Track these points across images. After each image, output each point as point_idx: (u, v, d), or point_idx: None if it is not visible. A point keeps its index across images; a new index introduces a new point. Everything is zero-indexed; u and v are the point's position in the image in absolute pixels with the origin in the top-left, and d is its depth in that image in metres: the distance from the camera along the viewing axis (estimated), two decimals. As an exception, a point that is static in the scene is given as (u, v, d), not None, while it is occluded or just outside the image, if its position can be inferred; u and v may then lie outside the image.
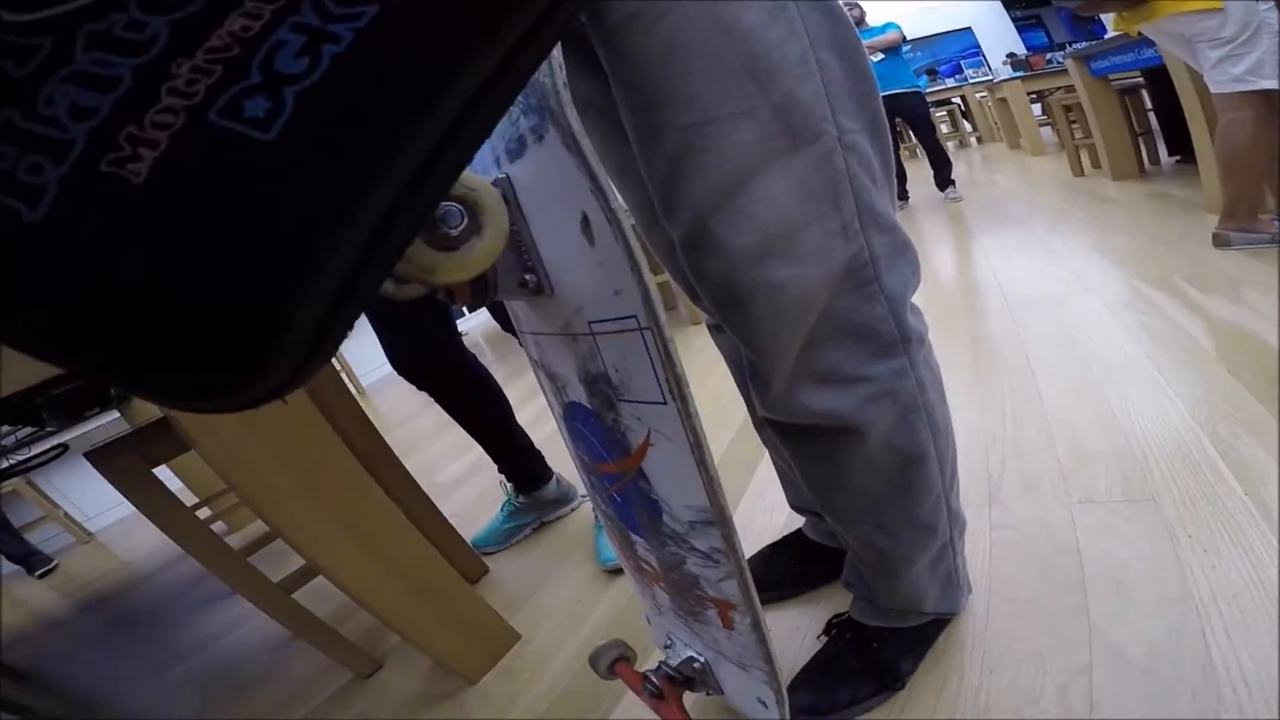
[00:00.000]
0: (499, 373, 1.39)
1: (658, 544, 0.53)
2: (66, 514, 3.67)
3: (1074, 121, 3.76)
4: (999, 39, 8.59)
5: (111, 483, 1.08)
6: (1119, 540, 0.86)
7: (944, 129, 7.19)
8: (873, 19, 4.17)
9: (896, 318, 0.51)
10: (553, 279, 0.44)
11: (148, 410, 1.76)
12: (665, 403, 0.41)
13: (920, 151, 5.51)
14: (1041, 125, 5.31)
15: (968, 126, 7.58)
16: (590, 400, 0.49)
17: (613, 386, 0.45)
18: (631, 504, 0.52)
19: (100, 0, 0.20)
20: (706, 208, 0.46)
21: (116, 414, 2.31)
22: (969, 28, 8.87)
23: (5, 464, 1.96)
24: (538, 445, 1.45)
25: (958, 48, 8.78)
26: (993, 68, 7.53)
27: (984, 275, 2.26)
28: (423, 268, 0.33)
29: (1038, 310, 1.79)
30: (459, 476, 2.01)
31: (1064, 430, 1.17)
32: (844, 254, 0.46)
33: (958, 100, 7.46)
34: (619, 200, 0.38)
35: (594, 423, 0.51)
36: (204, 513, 2.04)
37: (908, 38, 4.27)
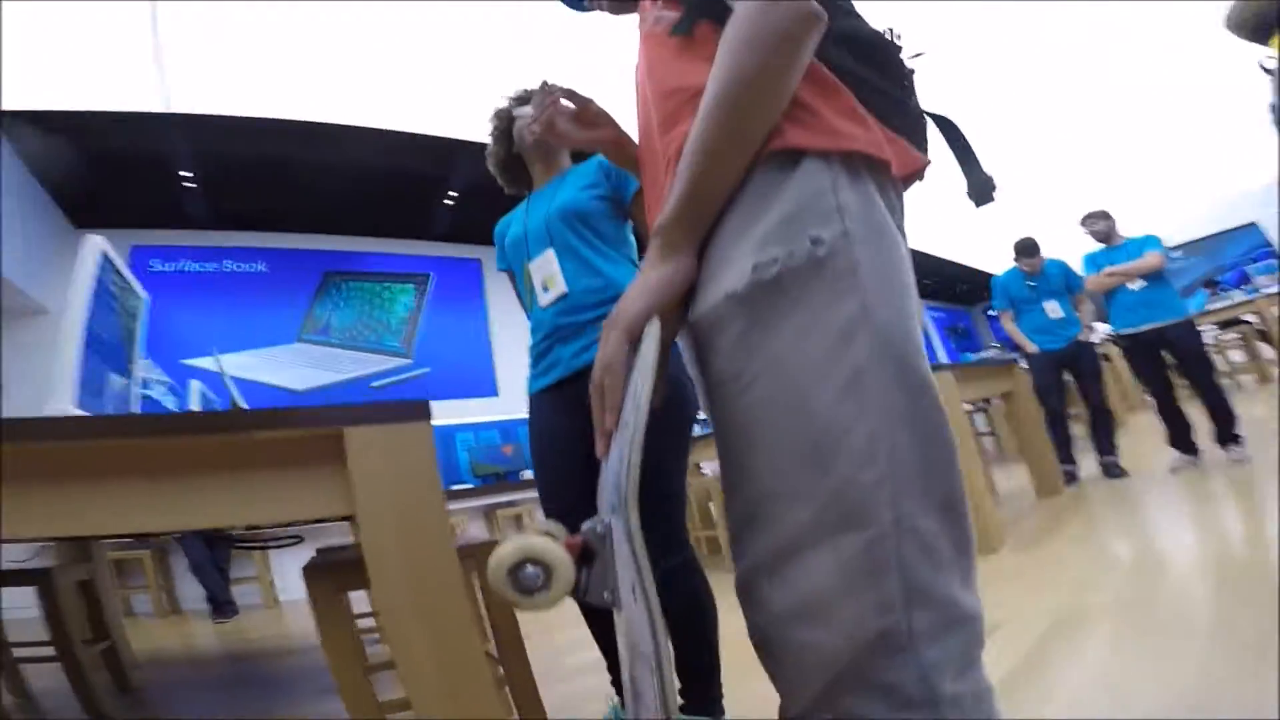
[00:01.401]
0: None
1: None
2: (271, 581, 4.30)
3: None
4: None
5: (308, 589, 1.26)
6: None
7: (1236, 358, 5.95)
8: (1130, 226, 3.64)
9: (930, 684, 0.49)
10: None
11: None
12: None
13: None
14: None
15: (1268, 352, 5.86)
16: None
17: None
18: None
19: None
20: (759, 568, 0.51)
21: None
22: (1254, 223, 7.20)
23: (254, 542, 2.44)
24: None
25: (1242, 249, 7.15)
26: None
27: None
28: (509, 602, 0.47)
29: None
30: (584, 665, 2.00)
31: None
32: (875, 626, 0.48)
33: (1252, 318, 5.78)
34: (652, 592, 0.46)
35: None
36: (368, 622, 2.31)
37: (1172, 244, 3.77)
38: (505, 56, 3.83)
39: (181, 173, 4.32)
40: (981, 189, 0.70)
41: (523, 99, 1.48)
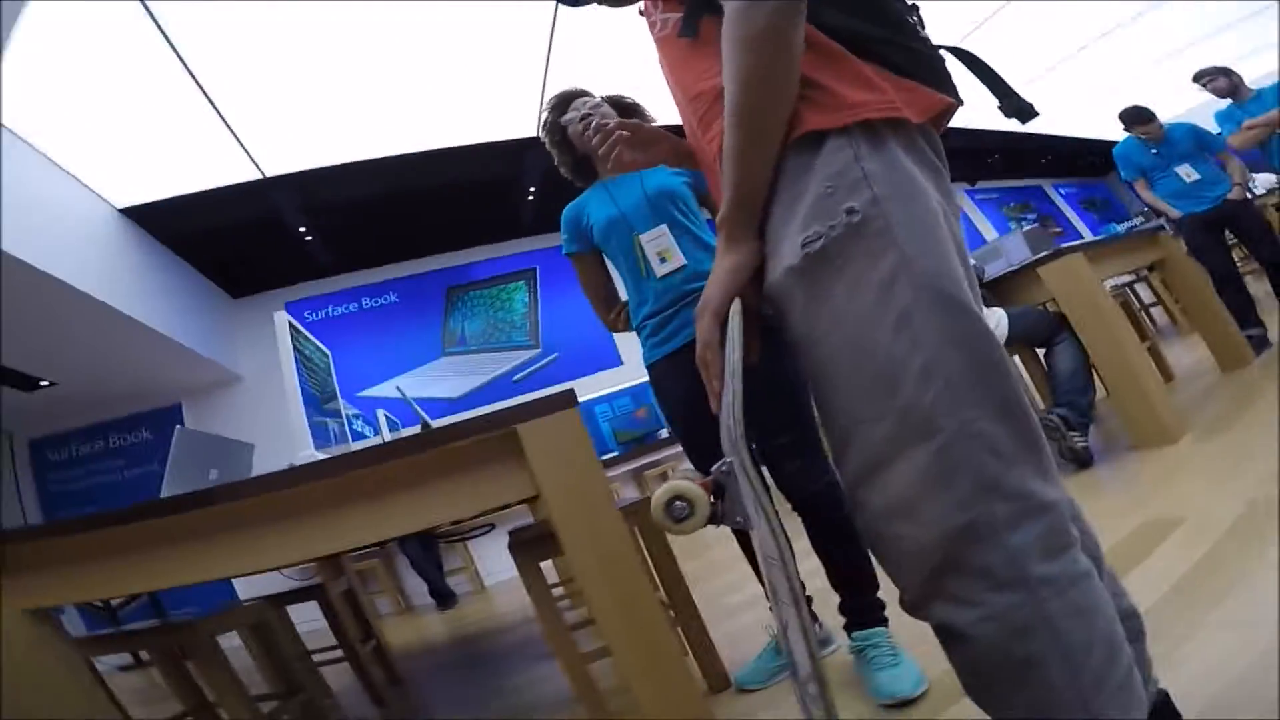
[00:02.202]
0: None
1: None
2: (476, 570, 4.89)
3: None
4: None
5: (517, 566, 1.53)
6: None
7: None
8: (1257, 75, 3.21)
9: (1017, 566, 0.55)
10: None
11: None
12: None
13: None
14: None
15: None
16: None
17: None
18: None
19: None
20: (856, 479, 0.61)
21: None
22: None
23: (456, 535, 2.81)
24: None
25: None
26: None
27: None
28: (663, 529, 0.61)
29: None
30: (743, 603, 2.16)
31: None
32: (960, 520, 0.55)
33: None
34: (770, 509, 0.59)
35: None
36: (559, 591, 2.57)
37: None
38: (538, 51, 3.90)
39: (300, 229, 4.83)
40: (1019, 111, 0.73)
41: (559, 107, 1.59)
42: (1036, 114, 0.75)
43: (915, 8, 0.77)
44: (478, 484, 1.16)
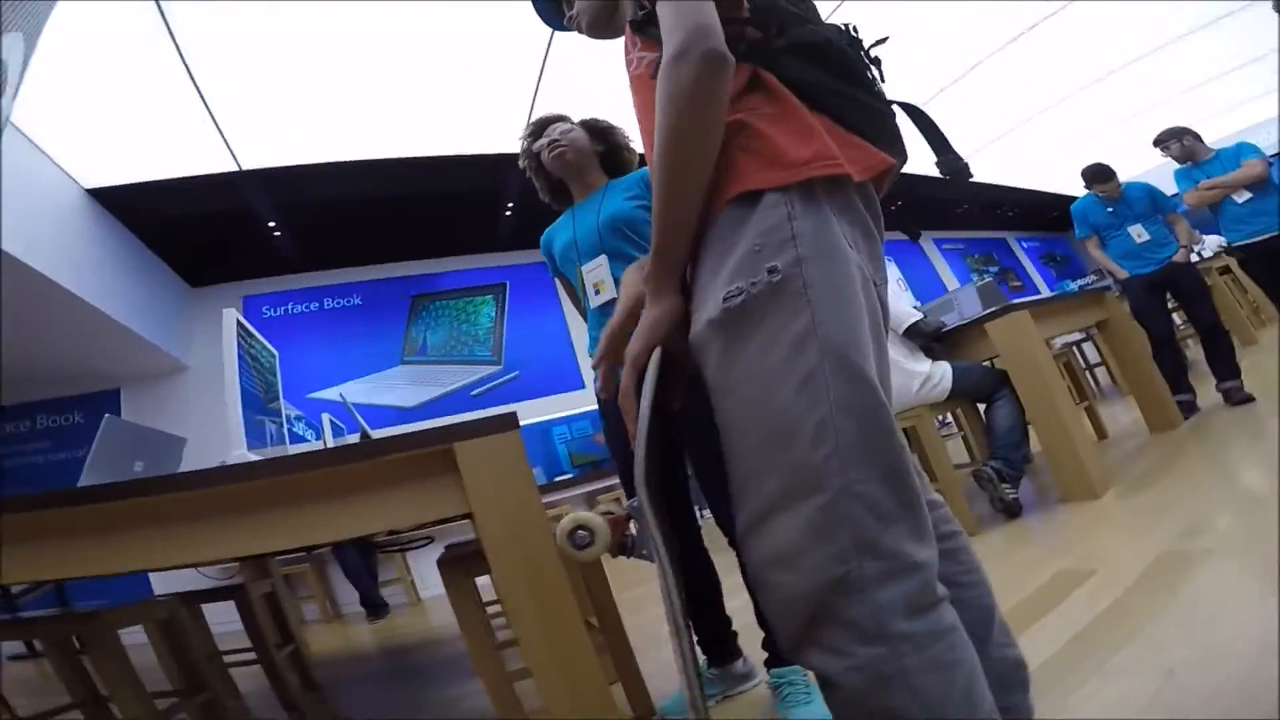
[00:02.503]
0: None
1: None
2: (412, 582, 4.77)
3: None
4: None
5: (444, 580, 1.49)
6: None
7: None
8: (1219, 135, 3.44)
9: (881, 621, 0.58)
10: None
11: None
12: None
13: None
14: None
15: None
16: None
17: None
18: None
19: None
20: (746, 528, 0.64)
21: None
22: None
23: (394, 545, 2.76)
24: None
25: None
26: None
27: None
28: (565, 556, 0.65)
29: None
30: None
31: None
32: (835, 572, 0.58)
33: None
34: (662, 550, 0.63)
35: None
36: (495, 609, 2.53)
37: (1271, 151, 3.47)
38: (531, 69, 3.97)
39: (269, 223, 4.76)
40: (953, 169, 0.78)
41: (535, 133, 1.62)
42: (971, 175, 0.79)
43: (878, 60, 0.80)
44: (410, 498, 1.15)
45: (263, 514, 1.07)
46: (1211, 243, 5.96)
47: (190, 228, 4.45)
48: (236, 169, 4.04)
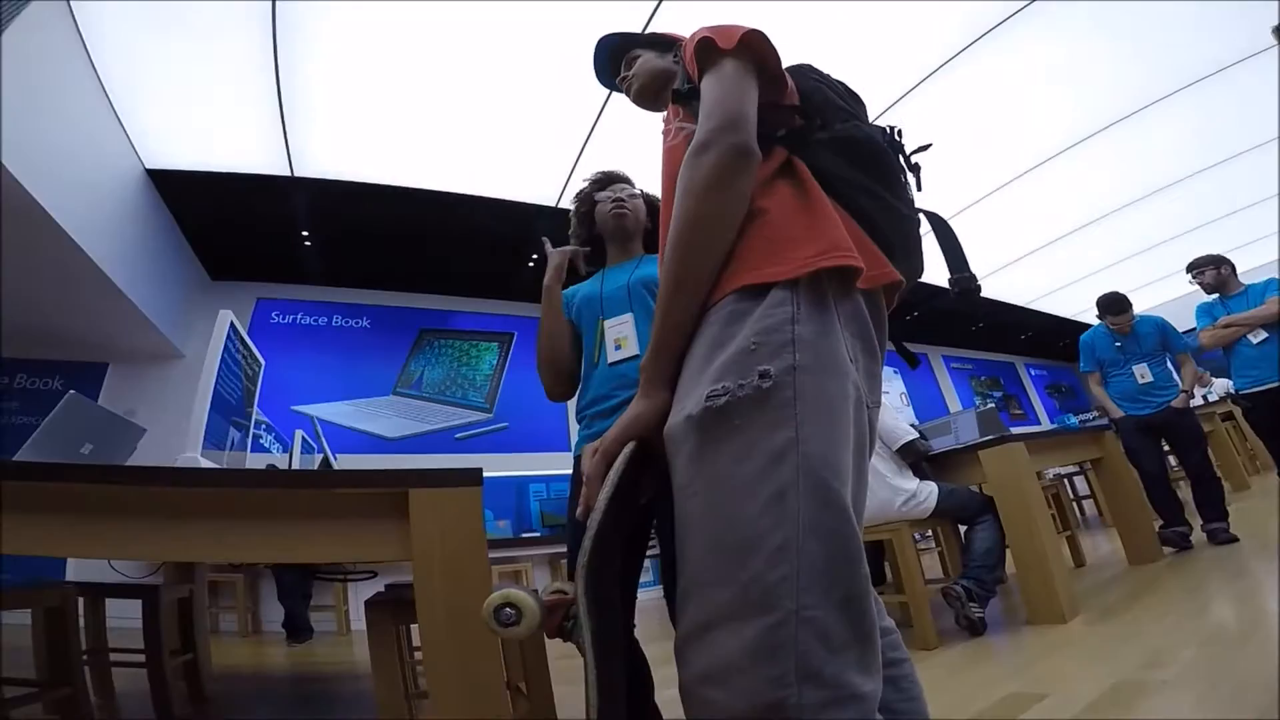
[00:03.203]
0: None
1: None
2: (346, 612, 4.55)
3: None
4: None
5: (366, 620, 1.43)
6: None
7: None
8: (1251, 270, 3.28)
9: None
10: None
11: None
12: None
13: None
14: None
15: None
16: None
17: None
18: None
19: None
20: (686, 636, 0.60)
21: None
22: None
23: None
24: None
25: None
26: None
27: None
28: (491, 631, 0.61)
29: None
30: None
31: None
32: (771, 697, 0.54)
33: None
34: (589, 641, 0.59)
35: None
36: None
37: None
38: (580, 130, 4.14)
39: (303, 232, 4.86)
40: (964, 288, 0.76)
41: (601, 182, 1.59)
42: (980, 294, 0.78)
43: (917, 167, 0.80)
44: (357, 533, 1.10)
45: (191, 523, 1.02)
46: (1220, 386, 5.85)
47: (227, 221, 4.56)
48: (289, 173, 4.18)
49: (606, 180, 1.60)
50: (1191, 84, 4.59)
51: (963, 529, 2.69)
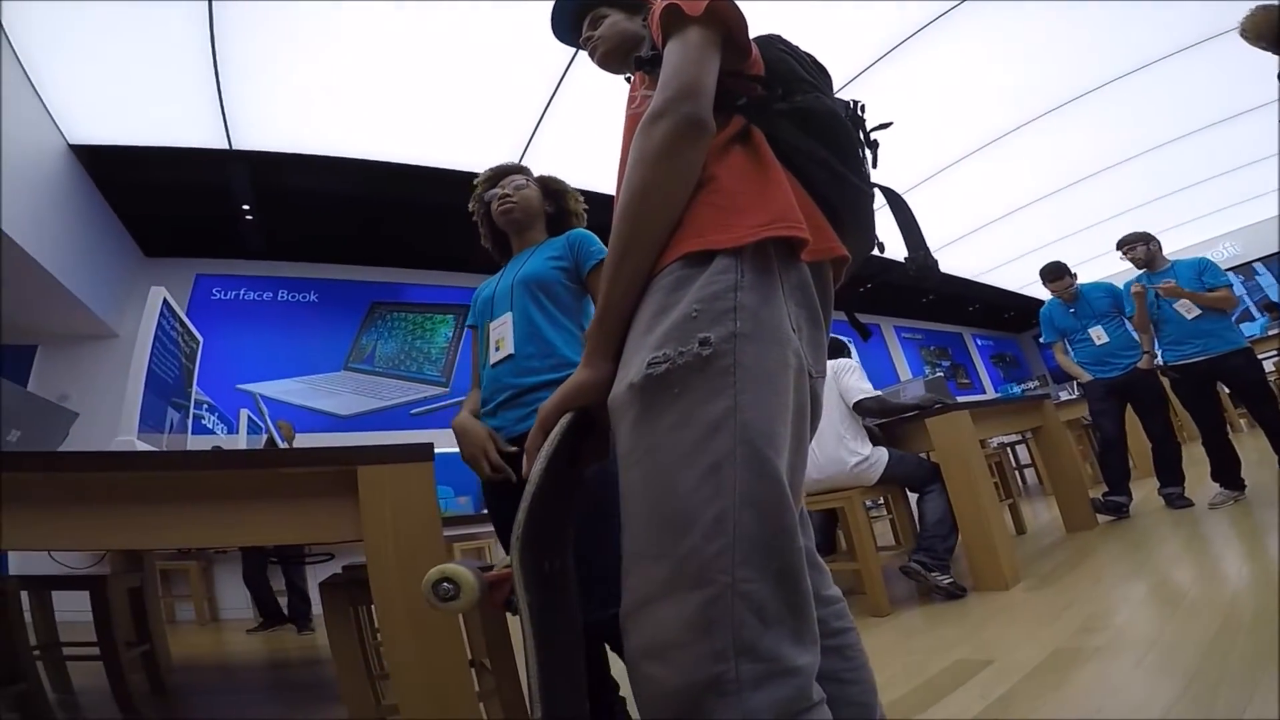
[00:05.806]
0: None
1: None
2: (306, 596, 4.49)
3: None
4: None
5: (322, 602, 1.42)
6: None
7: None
8: (1181, 247, 3.45)
9: None
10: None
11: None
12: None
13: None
14: None
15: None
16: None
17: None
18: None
19: None
20: (627, 611, 0.60)
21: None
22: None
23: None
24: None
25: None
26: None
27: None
28: (431, 607, 0.60)
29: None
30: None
31: None
32: (709, 671, 0.55)
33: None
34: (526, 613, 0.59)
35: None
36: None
37: (1224, 267, 3.47)
38: (539, 98, 4.04)
39: (244, 205, 4.64)
40: (921, 267, 0.77)
41: (491, 180, 1.59)
42: (938, 273, 0.78)
43: (875, 143, 0.80)
44: (306, 514, 1.09)
45: (126, 508, 0.98)
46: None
47: (161, 196, 4.33)
48: (227, 146, 3.97)
49: (496, 177, 1.60)
50: (1142, 67, 4.74)
51: (913, 498, 2.78)
